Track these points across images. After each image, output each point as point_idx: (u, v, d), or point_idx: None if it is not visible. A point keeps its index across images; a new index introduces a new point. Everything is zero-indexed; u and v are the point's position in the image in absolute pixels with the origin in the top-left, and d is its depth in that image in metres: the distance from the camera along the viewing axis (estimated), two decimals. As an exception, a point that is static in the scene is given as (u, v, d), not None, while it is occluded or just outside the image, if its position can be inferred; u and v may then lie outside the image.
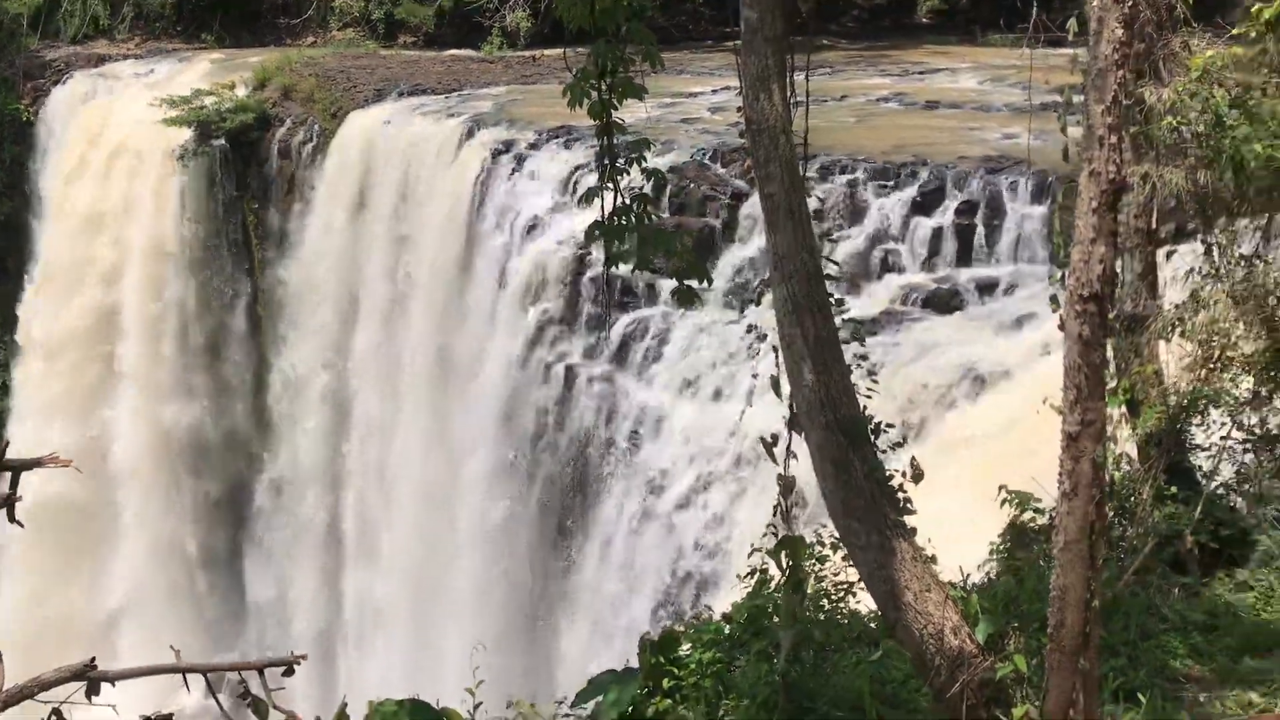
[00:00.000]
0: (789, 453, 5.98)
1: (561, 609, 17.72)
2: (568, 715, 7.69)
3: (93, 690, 4.23)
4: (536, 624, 18.10)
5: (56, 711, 4.32)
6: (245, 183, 25.40)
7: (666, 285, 17.20)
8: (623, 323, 17.85)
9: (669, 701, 7.09)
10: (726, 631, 8.05)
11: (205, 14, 32.82)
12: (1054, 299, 5.83)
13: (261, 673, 4.24)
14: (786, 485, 6.01)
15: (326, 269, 23.44)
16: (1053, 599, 5.25)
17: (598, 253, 18.34)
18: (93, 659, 4.32)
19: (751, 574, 8.37)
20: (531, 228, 19.23)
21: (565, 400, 18.27)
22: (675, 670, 7.24)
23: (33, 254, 27.94)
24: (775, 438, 6.06)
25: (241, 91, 25.94)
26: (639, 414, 17.00)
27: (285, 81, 25.82)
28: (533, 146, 20.09)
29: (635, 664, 7.56)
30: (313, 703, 14.53)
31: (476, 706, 7.19)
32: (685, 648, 7.67)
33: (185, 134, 25.05)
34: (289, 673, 4.33)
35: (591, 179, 18.79)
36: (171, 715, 4.52)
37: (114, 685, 4.36)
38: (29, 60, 30.01)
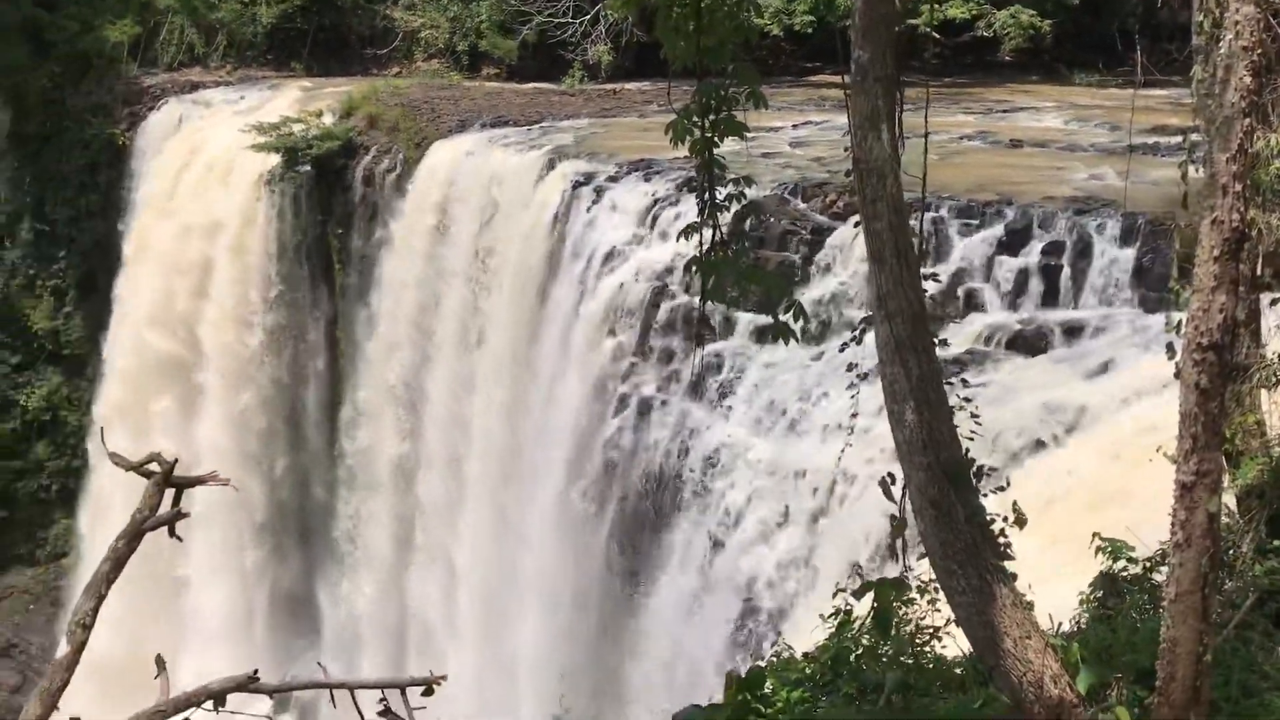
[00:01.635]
0: (905, 492, 5.93)
1: (631, 640, 17.68)
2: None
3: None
4: (605, 654, 18.07)
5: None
6: (329, 208, 25.92)
7: (743, 319, 17.17)
8: (698, 355, 17.85)
9: (756, 739, 7.02)
10: (808, 671, 7.98)
11: (295, 43, 33.68)
12: (1170, 346, 5.74)
13: (404, 691, 4.33)
14: (899, 525, 5.97)
15: (406, 295, 23.79)
16: (1162, 651, 5.13)
17: (675, 285, 18.39)
18: (255, 671, 4.47)
19: (835, 614, 8.31)
20: (609, 259, 19.36)
21: (639, 431, 18.30)
22: (761, 709, 7.18)
23: (123, 273, 28.75)
24: (892, 476, 6.02)
25: (328, 119, 26.51)
26: (714, 447, 16.97)
27: (371, 110, 26.34)
28: (613, 179, 20.24)
29: (715, 698, 7.51)
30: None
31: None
32: (768, 685, 7.61)
33: (273, 159, 25.65)
34: (428, 692, 4.42)
35: (671, 212, 18.89)
36: None
37: (272, 697, 4.51)
38: (127, 87, 31.00)
